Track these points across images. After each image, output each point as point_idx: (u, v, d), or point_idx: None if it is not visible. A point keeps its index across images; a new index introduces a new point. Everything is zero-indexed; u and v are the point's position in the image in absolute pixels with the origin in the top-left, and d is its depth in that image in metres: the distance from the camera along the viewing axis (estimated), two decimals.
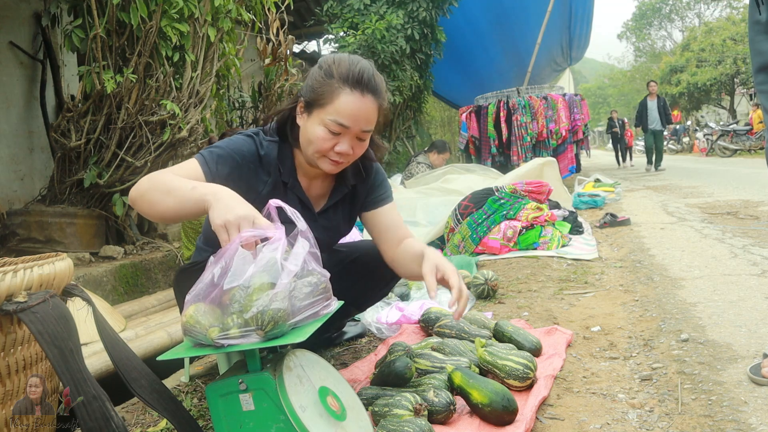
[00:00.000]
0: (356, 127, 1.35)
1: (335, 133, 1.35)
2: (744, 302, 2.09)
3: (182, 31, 3.38)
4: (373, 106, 1.37)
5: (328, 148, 1.36)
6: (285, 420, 1.05)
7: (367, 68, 1.37)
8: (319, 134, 1.35)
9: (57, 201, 3.40)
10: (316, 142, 1.36)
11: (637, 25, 40.29)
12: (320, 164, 1.41)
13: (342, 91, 1.33)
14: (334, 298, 1.21)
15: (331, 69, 1.36)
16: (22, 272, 1.01)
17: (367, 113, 1.36)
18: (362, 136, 1.39)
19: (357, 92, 1.34)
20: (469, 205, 3.65)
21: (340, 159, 1.38)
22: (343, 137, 1.36)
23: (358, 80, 1.34)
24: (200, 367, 2.02)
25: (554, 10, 8.98)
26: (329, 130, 1.34)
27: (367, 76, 1.35)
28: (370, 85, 1.36)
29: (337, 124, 1.34)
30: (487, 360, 1.50)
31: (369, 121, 1.38)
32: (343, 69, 1.35)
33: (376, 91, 1.37)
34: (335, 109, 1.33)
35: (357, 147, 1.40)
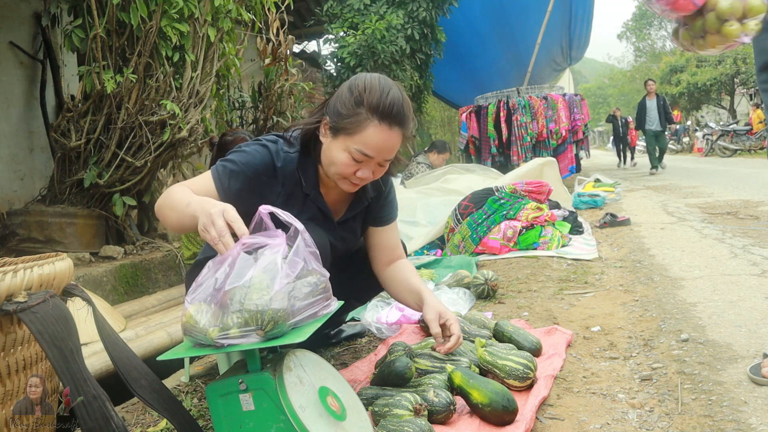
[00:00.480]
0: (380, 158, 1.38)
1: (358, 161, 1.37)
2: (744, 302, 2.09)
3: (182, 31, 3.38)
4: (399, 138, 1.39)
5: (350, 173, 1.38)
6: (285, 420, 1.05)
7: (398, 99, 1.36)
8: (343, 160, 1.37)
9: (57, 201, 3.40)
10: (339, 167, 1.38)
11: (637, 25, 40.28)
12: (339, 184, 1.43)
13: (371, 123, 1.33)
14: (334, 298, 1.21)
15: (361, 97, 1.35)
16: (22, 272, 1.01)
17: (392, 145, 1.38)
18: (384, 164, 1.42)
19: (385, 125, 1.34)
20: (469, 205, 3.65)
21: (360, 183, 1.42)
22: (366, 165, 1.38)
23: (387, 113, 1.33)
24: (200, 367, 2.02)
25: (554, 10, 8.98)
26: (353, 158, 1.36)
27: (396, 109, 1.35)
28: (398, 117, 1.35)
29: (361, 154, 1.35)
30: (487, 360, 1.50)
31: (393, 151, 1.40)
32: (374, 99, 1.34)
33: (403, 122, 1.37)
34: (362, 139, 1.34)
35: (378, 172, 1.43)
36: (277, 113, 5.05)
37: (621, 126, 14.19)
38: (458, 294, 2.42)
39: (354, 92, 1.36)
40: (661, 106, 10.43)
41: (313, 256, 1.16)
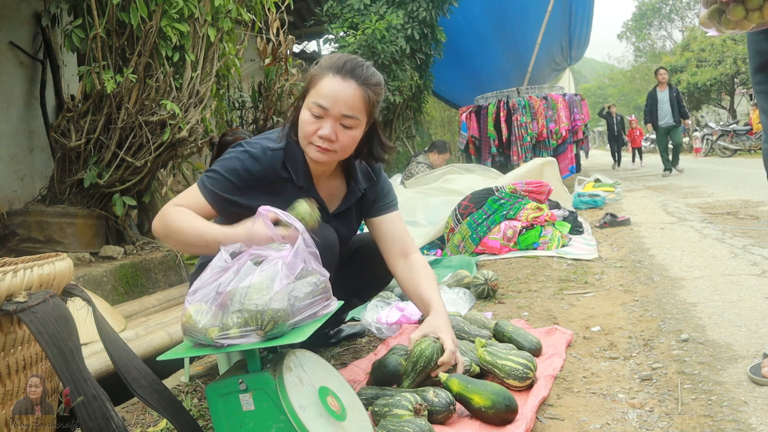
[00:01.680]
0: (335, 110, 1.38)
1: (317, 116, 1.39)
2: (744, 302, 2.09)
3: (182, 31, 3.38)
4: (355, 91, 1.39)
5: (311, 132, 1.40)
6: (285, 420, 1.05)
7: (356, 59, 1.42)
8: (304, 118, 1.41)
9: (57, 201, 3.40)
10: (302, 126, 1.42)
11: (637, 25, 40.29)
12: (308, 152, 1.44)
13: (326, 75, 1.40)
14: (333, 298, 1.21)
15: (322, 61, 1.44)
16: (22, 272, 1.01)
17: (347, 96, 1.38)
18: (346, 123, 1.41)
19: (338, 76, 1.39)
20: (469, 205, 3.65)
21: (323, 144, 1.40)
22: (325, 121, 1.39)
23: (341, 66, 1.39)
24: (200, 367, 2.02)
25: (554, 10, 8.98)
26: (311, 113, 1.40)
27: (351, 65, 1.40)
28: (354, 72, 1.40)
29: (317, 106, 1.38)
30: (487, 360, 1.50)
31: (350, 106, 1.39)
32: (333, 59, 1.42)
33: (360, 78, 1.40)
34: (317, 91, 1.40)
35: (342, 134, 1.41)
36: (277, 113, 5.05)
37: (616, 124, 13.49)
38: (458, 294, 2.42)
39: (319, 61, 1.46)
40: (674, 98, 9.12)
41: (313, 257, 1.16)
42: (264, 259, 1.12)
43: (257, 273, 1.06)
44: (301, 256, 1.15)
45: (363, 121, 1.45)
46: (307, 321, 1.12)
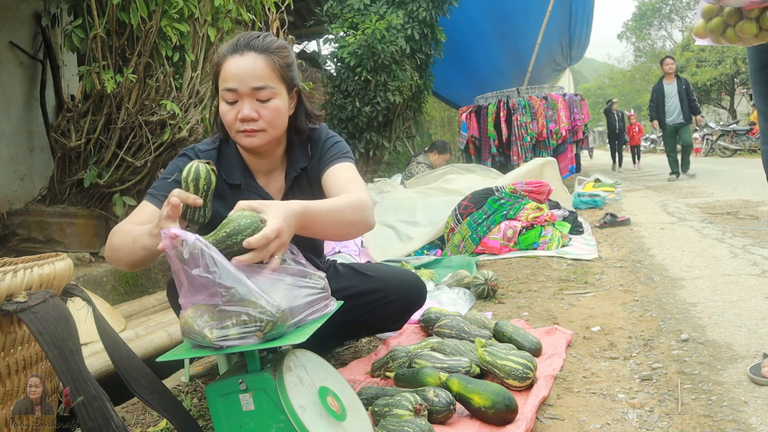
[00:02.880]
0: (245, 87, 1.32)
1: (232, 102, 1.34)
2: (744, 302, 2.09)
3: (182, 31, 3.38)
4: (256, 62, 1.33)
5: (232, 119, 1.35)
6: (285, 420, 1.05)
7: (250, 34, 1.38)
8: (222, 109, 1.36)
9: (57, 201, 3.40)
10: (224, 119, 1.37)
11: (637, 25, 40.30)
12: (240, 142, 1.39)
13: (225, 59, 1.35)
14: (332, 299, 1.21)
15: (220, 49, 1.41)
16: (22, 272, 1.01)
17: (250, 69, 1.32)
18: (261, 96, 1.34)
19: (236, 55, 1.34)
20: (469, 205, 3.65)
21: (248, 126, 1.34)
22: (241, 103, 1.33)
23: (235, 44, 1.36)
24: (200, 367, 2.02)
25: (554, 10, 8.98)
26: (226, 101, 1.35)
27: (245, 39, 1.36)
28: (249, 44, 1.35)
29: (227, 91, 1.33)
30: (487, 360, 1.50)
31: (257, 77, 1.33)
32: (228, 43, 1.38)
33: (258, 47, 1.35)
34: (223, 78, 1.35)
35: (262, 110, 1.34)
36: None
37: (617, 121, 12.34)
38: (458, 294, 2.42)
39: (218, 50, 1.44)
40: (684, 91, 8.02)
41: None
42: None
43: (257, 273, 1.06)
44: (301, 256, 1.15)
45: (280, 90, 1.37)
46: (307, 321, 1.12)
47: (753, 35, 1.29)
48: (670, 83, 8.16)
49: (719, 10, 1.34)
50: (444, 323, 1.86)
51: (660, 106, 8.17)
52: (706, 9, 1.37)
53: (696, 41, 1.46)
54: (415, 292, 1.74)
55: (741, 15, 1.30)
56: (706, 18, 1.37)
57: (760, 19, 1.26)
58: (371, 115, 7.20)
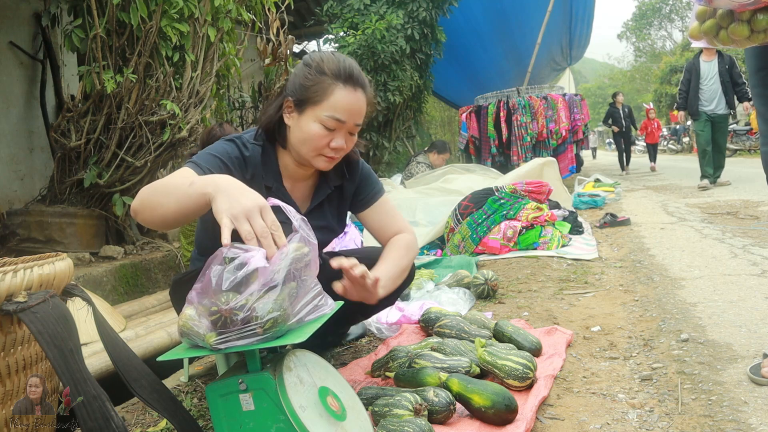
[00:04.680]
0: (351, 121, 1.39)
1: (331, 129, 1.37)
2: (744, 302, 2.09)
3: (182, 31, 3.38)
4: (363, 100, 1.41)
5: (324, 144, 1.38)
6: (285, 420, 1.05)
7: (354, 64, 1.43)
8: (316, 131, 1.37)
9: (57, 201, 3.40)
10: (313, 140, 1.38)
11: (637, 25, 40.31)
12: (315, 162, 1.42)
13: (336, 86, 1.36)
14: (331, 299, 1.21)
15: (321, 66, 1.38)
16: (22, 272, 1.01)
17: (360, 107, 1.40)
18: (354, 131, 1.42)
19: (350, 87, 1.38)
20: (469, 205, 3.65)
21: (335, 155, 1.41)
22: (338, 132, 1.39)
23: (349, 75, 1.38)
24: (200, 367, 2.02)
25: (554, 10, 8.98)
26: (325, 126, 1.37)
27: (356, 72, 1.40)
28: (360, 80, 1.40)
29: (333, 120, 1.36)
30: (487, 360, 1.50)
31: (361, 115, 1.42)
32: (333, 65, 1.38)
33: (364, 85, 1.42)
34: (330, 104, 1.36)
35: (349, 141, 1.43)
36: None
37: (624, 117, 10.58)
38: (458, 294, 2.42)
39: (312, 64, 1.40)
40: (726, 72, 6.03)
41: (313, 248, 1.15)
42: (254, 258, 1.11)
43: (256, 273, 1.06)
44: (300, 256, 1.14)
45: None
46: (307, 321, 1.12)
47: (745, 37, 1.30)
48: (709, 60, 6.18)
49: (713, 13, 1.35)
50: (444, 323, 1.86)
51: (693, 90, 6.21)
52: (700, 11, 1.38)
53: (692, 43, 1.46)
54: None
55: (733, 17, 1.30)
56: (700, 20, 1.38)
57: (751, 21, 1.27)
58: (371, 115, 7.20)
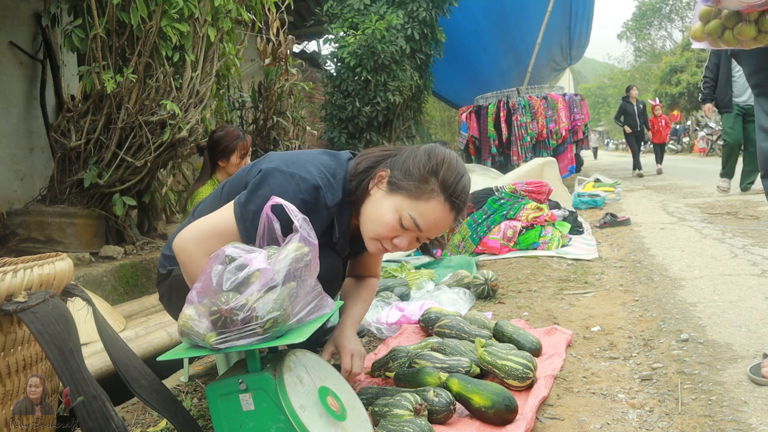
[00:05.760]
0: (426, 234, 1.31)
1: (405, 228, 1.29)
2: (744, 302, 2.09)
3: (182, 31, 3.38)
4: (450, 222, 1.33)
5: (387, 235, 1.30)
6: (285, 420, 1.05)
7: (468, 186, 1.34)
8: (390, 221, 1.28)
9: (57, 201, 3.40)
10: (381, 226, 1.30)
11: (637, 25, 40.31)
12: (369, 244, 1.35)
13: (437, 197, 1.27)
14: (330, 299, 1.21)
15: (438, 169, 1.29)
16: (22, 272, 1.01)
17: (443, 226, 1.32)
18: (423, 241, 1.36)
19: (448, 205, 1.29)
20: (469, 205, 3.65)
21: (391, 249, 1.34)
22: (409, 233, 1.31)
23: (456, 195, 1.29)
24: (200, 367, 2.02)
25: (554, 10, 8.99)
26: (402, 222, 1.28)
27: (464, 196, 1.32)
28: (461, 204, 1.32)
29: (413, 222, 1.28)
30: (487, 360, 1.50)
31: (439, 233, 1.35)
32: (450, 177, 1.29)
33: (460, 210, 1.34)
34: (420, 209, 1.27)
35: (413, 245, 1.36)
36: (277, 113, 5.06)
37: (638, 114, 9.40)
38: (458, 294, 2.42)
39: (432, 160, 1.30)
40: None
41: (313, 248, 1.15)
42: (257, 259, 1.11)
43: (256, 273, 1.06)
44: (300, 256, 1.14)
45: None
46: (307, 321, 1.12)
47: (752, 38, 1.28)
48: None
49: (717, 13, 1.33)
50: (444, 323, 1.86)
51: (724, 78, 5.27)
52: (703, 12, 1.36)
53: (693, 44, 1.45)
54: None
55: (739, 17, 1.28)
56: (703, 21, 1.36)
57: (759, 22, 1.26)
58: (371, 115, 7.20)
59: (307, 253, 1.12)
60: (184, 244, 1.25)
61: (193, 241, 1.25)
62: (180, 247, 1.26)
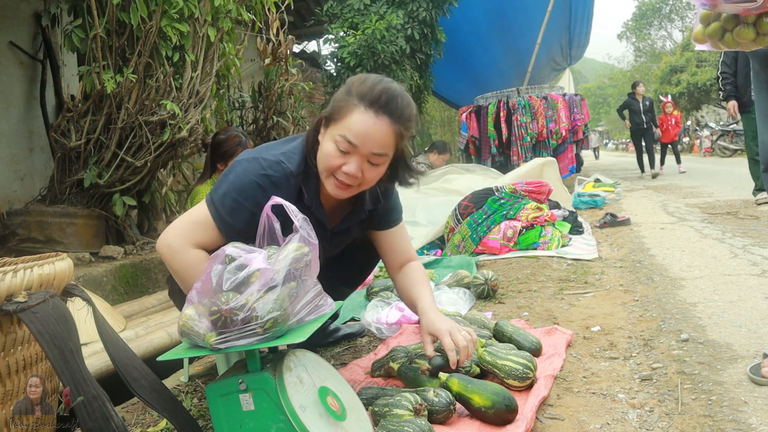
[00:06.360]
0: (365, 149, 1.29)
1: (343, 152, 1.29)
2: (744, 302, 2.09)
3: (182, 31, 3.38)
4: (388, 129, 1.29)
5: (335, 166, 1.31)
6: (285, 420, 1.05)
7: (390, 90, 1.31)
8: (329, 150, 1.31)
9: (57, 201, 3.40)
10: (326, 159, 1.32)
11: (637, 25, 40.32)
12: (326, 184, 1.35)
13: (357, 108, 1.28)
14: (330, 299, 1.21)
15: (352, 86, 1.32)
16: (22, 272, 1.01)
17: (379, 135, 1.28)
18: (374, 160, 1.31)
19: (371, 111, 1.28)
20: (469, 205, 3.65)
21: (347, 180, 1.31)
22: (352, 157, 1.30)
23: (375, 100, 1.28)
24: (200, 367, 2.02)
25: (554, 10, 8.99)
26: (337, 146, 1.29)
27: (386, 97, 1.29)
28: (388, 106, 1.29)
29: (345, 141, 1.28)
30: (487, 360, 1.50)
31: (381, 145, 1.30)
32: (364, 87, 1.30)
33: (394, 114, 1.30)
34: (346, 124, 1.28)
35: (368, 171, 1.32)
36: (277, 113, 5.06)
37: (644, 111, 8.86)
38: (458, 294, 2.42)
39: (348, 83, 1.35)
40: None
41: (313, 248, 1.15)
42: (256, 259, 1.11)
43: (256, 273, 1.06)
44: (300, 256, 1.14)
45: (391, 155, 1.36)
46: (307, 321, 1.12)
47: (751, 40, 1.29)
48: None
49: (717, 16, 1.34)
50: None
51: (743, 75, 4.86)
52: (704, 15, 1.37)
53: (695, 46, 1.46)
54: None
55: (738, 20, 1.30)
56: (704, 23, 1.37)
57: (757, 24, 1.27)
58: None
59: (307, 253, 1.12)
60: (164, 239, 1.32)
61: (172, 233, 1.32)
62: (162, 244, 1.32)
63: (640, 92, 8.94)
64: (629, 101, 9.05)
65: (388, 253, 1.65)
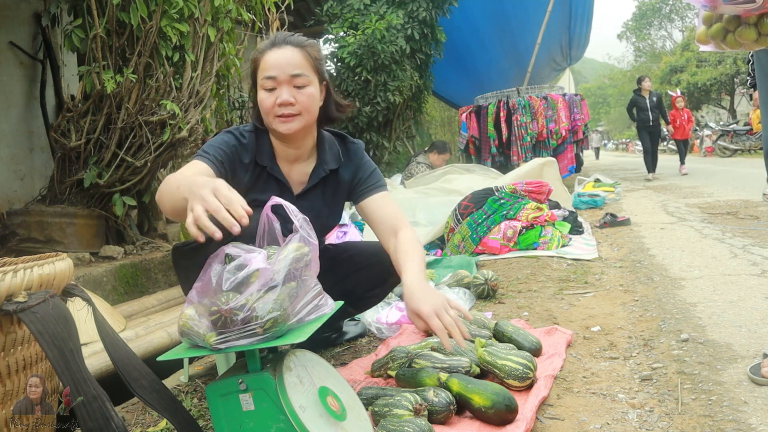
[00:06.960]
0: (283, 74, 1.46)
1: (271, 89, 1.48)
2: (744, 302, 2.09)
3: (182, 31, 3.38)
4: (293, 53, 1.48)
5: (271, 104, 1.47)
6: (285, 420, 1.05)
7: (285, 33, 1.54)
8: (262, 96, 1.49)
9: (57, 201, 3.40)
10: (262, 104, 1.49)
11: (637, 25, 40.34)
12: (276, 127, 1.50)
13: (264, 53, 1.51)
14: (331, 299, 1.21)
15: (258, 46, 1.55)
16: (22, 272, 1.01)
17: (288, 59, 1.47)
18: (298, 83, 1.48)
19: (274, 48, 1.49)
20: (469, 205, 3.65)
21: (286, 110, 1.47)
22: (279, 89, 1.47)
23: (273, 41, 1.51)
24: (200, 367, 2.02)
25: (554, 10, 8.98)
26: (265, 88, 1.48)
27: (282, 36, 1.51)
28: (286, 39, 1.51)
29: (267, 79, 1.47)
30: (487, 360, 1.50)
31: (294, 65, 1.47)
32: (264, 43, 1.53)
33: (292, 42, 1.50)
34: (263, 69, 1.49)
35: (298, 95, 1.48)
36: None
37: (651, 107, 8.35)
38: (458, 294, 2.42)
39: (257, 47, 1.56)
40: None
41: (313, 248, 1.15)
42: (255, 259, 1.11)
43: (255, 273, 1.06)
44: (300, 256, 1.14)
45: (313, 79, 1.51)
46: (307, 321, 1.12)
47: (753, 40, 1.29)
48: None
49: (719, 17, 1.34)
50: None
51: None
52: (706, 16, 1.37)
53: (699, 48, 1.46)
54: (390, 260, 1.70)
55: (740, 21, 1.30)
56: (707, 24, 1.38)
57: (759, 24, 1.27)
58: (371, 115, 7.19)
59: (307, 253, 1.12)
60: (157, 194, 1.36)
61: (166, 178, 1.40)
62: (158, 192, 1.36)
63: (646, 87, 8.49)
64: (635, 98, 8.59)
65: (377, 225, 1.62)
